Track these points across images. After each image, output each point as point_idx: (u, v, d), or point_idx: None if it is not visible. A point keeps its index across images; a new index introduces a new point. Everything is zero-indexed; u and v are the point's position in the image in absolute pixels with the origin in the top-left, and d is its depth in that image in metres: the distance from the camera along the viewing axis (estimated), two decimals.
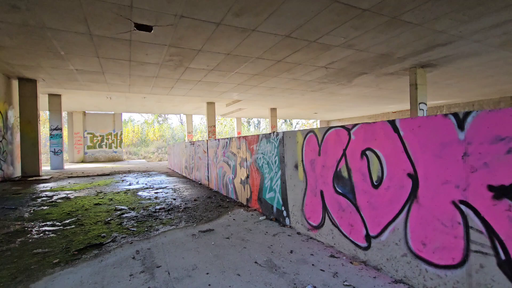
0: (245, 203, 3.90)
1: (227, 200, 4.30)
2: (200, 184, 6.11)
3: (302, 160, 2.62)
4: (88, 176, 8.38)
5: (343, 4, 4.45)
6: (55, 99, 11.24)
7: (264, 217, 3.23)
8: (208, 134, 14.52)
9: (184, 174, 7.96)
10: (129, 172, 9.50)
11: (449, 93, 12.83)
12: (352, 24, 5.17)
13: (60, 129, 11.35)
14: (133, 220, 3.36)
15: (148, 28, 5.06)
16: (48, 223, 3.27)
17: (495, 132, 1.32)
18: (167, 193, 5.00)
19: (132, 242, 2.62)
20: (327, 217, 2.32)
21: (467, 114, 1.46)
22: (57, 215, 3.63)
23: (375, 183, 1.87)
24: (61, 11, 4.42)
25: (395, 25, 5.29)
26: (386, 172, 1.82)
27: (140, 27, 5.01)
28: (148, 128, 31.90)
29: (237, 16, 4.74)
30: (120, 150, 17.85)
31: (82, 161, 16.61)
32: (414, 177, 1.67)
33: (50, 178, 8.01)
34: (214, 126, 14.50)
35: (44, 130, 20.96)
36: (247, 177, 3.69)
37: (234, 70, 8.07)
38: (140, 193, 5.06)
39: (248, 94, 11.72)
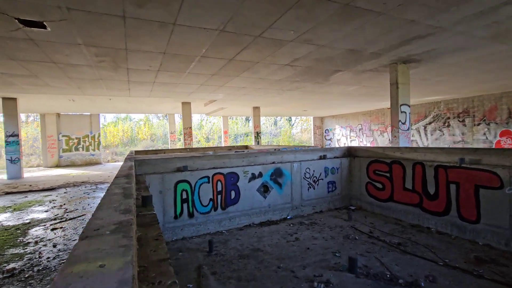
0: None
1: None
2: None
3: None
4: (29, 191, 7.54)
5: None
6: (9, 102, 10.38)
7: None
8: (184, 137, 13.57)
9: None
10: (82, 183, 8.65)
11: (443, 90, 11.62)
12: (296, 14, 4.11)
13: (17, 135, 10.53)
14: None
15: (39, 25, 4.08)
16: None
17: None
18: (42, 239, 4.01)
19: None
20: None
21: None
22: None
23: None
24: None
25: (352, 15, 4.21)
26: None
27: (28, 23, 4.03)
28: (138, 127, 30.99)
29: (140, 7, 3.72)
30: (98, 153, 17.04)
31: (57, 166, 15.86)
32: None
33: None
34: (190, 127, 13.53)
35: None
36: None
37: (184, 71, 7.06)
38: (29, 232, 4.00)
39: (219, 94, 10.70)
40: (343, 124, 22.87)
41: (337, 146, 23.55)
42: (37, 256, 3.24)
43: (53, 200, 6.21)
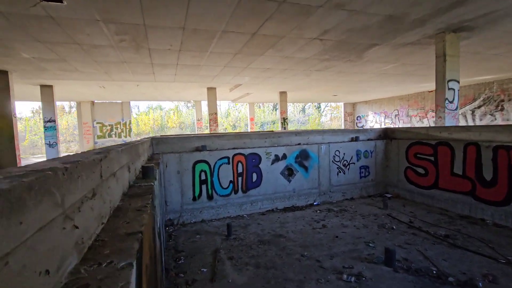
0: None
1: None
2: None
3: None
4: None
5: None
6: (46, 90, 10.93)
7: None
8: (210, 123, 13.49)
9: None
10: None
11: (498, 66, 10.13)
12: None
13: (54, 121, 11.12)
14: None
15: None
16: None
17: None
18: None
19: None
20: None
21: None
22: None
23: None
24: None
25: None
26: None
27: None
28: (168, 116, 31.89)
29: None
30: (130, 139, 17.69)
31: None
32: None
33: None
34: (216, 113, 13.39)
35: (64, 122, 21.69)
36: None
37: (206, 50, 6.75)
38: None
39: (244, 77, 10.32)
40: (376, 110, 21.41)
41: None
42: None
43: None
